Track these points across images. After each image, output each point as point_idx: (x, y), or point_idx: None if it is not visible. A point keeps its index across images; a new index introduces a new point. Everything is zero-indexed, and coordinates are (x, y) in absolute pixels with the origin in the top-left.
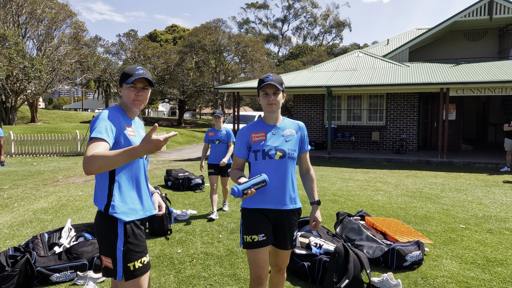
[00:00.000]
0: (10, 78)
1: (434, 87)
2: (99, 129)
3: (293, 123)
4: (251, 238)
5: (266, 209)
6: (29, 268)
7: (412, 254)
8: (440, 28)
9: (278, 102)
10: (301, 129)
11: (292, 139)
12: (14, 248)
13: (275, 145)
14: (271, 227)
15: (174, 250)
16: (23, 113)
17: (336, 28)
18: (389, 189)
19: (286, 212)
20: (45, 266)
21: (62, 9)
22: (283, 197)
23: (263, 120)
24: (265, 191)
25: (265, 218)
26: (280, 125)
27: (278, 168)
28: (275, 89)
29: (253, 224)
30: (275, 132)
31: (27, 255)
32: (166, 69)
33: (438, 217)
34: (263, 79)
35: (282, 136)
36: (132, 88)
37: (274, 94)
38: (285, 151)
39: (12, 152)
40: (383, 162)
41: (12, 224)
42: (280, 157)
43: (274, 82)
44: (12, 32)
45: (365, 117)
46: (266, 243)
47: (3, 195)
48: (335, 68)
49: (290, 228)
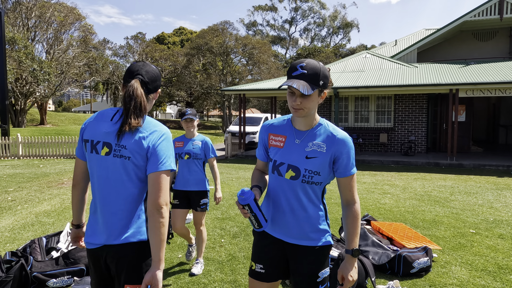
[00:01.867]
0: (19, 81)
1: (443, 88)
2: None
3: (329, 132)
4: (251, 264)
5: (272, 236)
6: (25, 273)
7: (420, 260)
8: (449, 28)
9: (308, 107)
10: (337, 143)
11: (316, 157)
12: (11, 252)
13: (290, 160)
14: (277, 259)
15: (174, 255)
16: (32, 116)
17: (343, 29)
18: (396, 192)
19: (295, 247)
20: (41, 272)
21: (70, 12)
22: (289, 228)
23: (291, 121)
24: (270, 212)
25: (271, 246)
26: (310, 133)
27: (288, 191)
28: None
29: (256, 249)
30: (300, 141)
31: (22, 261)
32: (173, 72)
33: (447, 222)
34: (292, 71)
35: (304, 149)
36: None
37: (303, 96)
38: (299, 171)
39: (19, 154)
40: (391, 164)
41: (14, 227)
42: (291, 177)
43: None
44: (22, 35)
45: (373, 119)
46: (263, 278)
47: (8, 197)
48: (342, 69)
49: (306, 265)
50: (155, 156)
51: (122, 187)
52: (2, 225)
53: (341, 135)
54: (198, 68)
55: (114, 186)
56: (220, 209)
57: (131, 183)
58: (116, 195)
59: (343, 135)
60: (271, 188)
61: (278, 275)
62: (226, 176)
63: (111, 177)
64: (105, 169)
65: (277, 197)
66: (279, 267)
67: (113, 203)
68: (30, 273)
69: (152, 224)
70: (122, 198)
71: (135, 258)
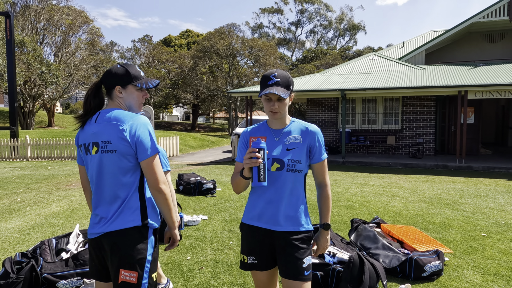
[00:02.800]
0: (28, 84)
1: (452, 90)
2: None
3: (302, 126)
4: (243, 257)
5: (260, 228)
6: (35, 274)
7: (431, 264)
8: (457, 30)
9: (283, 109)
10: (310, 134)
11: (295, 148)
12: (21, 253)
13: (273, 154)
14: (267, 250)
15: (183, 257)
16: (40, 118)
17: (350, 31)
18: (405, 194)
19: (282, 234)
20: (51, 273)
21: (78, 15)
22: (277, 216)
23: (268, 124)
24: (260, 206)
25: (260, 238)
26: (285, 130)
27: (275, 182)
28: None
29: (245, 243)
30: (278, 138)
31: (32, 262)
32: (180, 74)
33: (457, 225)
34: (266, 81)
35: (283, 143)
36: (141, 91)
37: (279, 100)
38: (283, 162)
39: (28, 156)
40: (399, 166)
41: (23, 228)
42: (277, 168)
43: (278, 91)
44: (30, 38)
45: (380, 121)
46: (257, 267)
47: (17, 199)
48: (349, 72)
49: (291, 251)
50: (140, 145)
51: (114, 179)
52: (11, 226)
53: (313, 127)
54: (204, 70)
55: (107, 179)
56: (228, 211)
57: (122, 174)
58: (110, 187)
59: (314, 127)
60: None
61: (271, 264)
62: None
63: (103, 171)
64: (98, 165)
65: (266, 190)
66: (270, 257)
67: (108, 194)
68: (40, 274)
69: (158, 202)
70: (115, 189)
71: (128, 243)
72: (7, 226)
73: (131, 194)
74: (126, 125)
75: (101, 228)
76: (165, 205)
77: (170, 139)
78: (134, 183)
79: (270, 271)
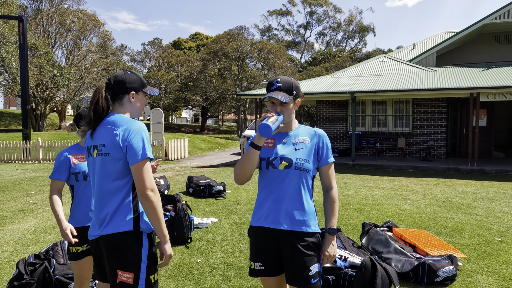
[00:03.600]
0: (40, 86)
1: (464, 92)
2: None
3: (309, 130)
4: (251, 264)
5: (266, 228)
6: (48, 276)
7: (445, 269)
8: (469, 31)
9: (287, 113)
10: (317, 137)
11: (303, 148)
12: (34, 255)
13: (282, 154)
14: (273, 255)
15: (194, 260)
16: (52, 120)
17: (359, 33)
18: (417, 198)
19: (287, 233)
20: (64, 274)
21: (89, 19)
22: (282, 214)
23: None
24: (266, 206)
25: (267, 243)
26: (292, 133)
27: (283, 180)
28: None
29: (253, 249)
30: (286, 141)
31: (46, 263)
32: (189, 76)
33: (471, 229)
34: (270, 86)
35: (292, 144)
36: (146, 97)
37: (281, 105)
38: (291, 160)
39: (40, 157)
40: (409, 169)
41: (36, 230)
42: (285, 167)
43: (277, 95)
44: (43, 42)
45: (391, 123)
46: (265, 273)
47: (29, 200)
48: (359, 74)
49: (298, 257)
50: (130, 150)
51: (108, 182)
52: (24, 227)
53: (319, 131)
54: (213, 73)
55: (102, 181)
56: (237, 213)
57: (115, 178)
58: (104, 189)
59: (321, 131)
60: (265, 184)
61: (279, 270)
62: None
63: (99, 173)
64: (96, 167)
65: (272, 188)
66: (278, 263)
67: (103, 196)
68: (53, 275)
69: (145, 209)
70: (109, 191)
71: (123, 247)
72: (20, 228)
73: (124, 198)
74: (120, 129)
75: (97, 231)
76: (153, 214)
77: (179, 142)
78: (127, 187)
79: (279, 277)
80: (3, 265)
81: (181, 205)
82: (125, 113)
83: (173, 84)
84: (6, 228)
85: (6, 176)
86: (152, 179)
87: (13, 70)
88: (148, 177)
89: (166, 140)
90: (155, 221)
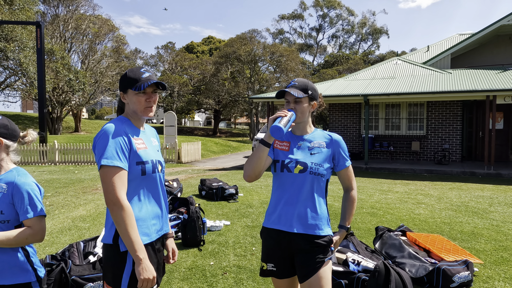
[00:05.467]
0: (56, 90)
1: (479, 95)
2: (111, 154)
3: (325, 135)
4: (262, 265)
5: (279, 230)
6: (64, 276)
7: (460, 274)
8: (485, 33)
9: (301, 112)
10: (334, 142)
11: (319, 152)
12: (51, 256)
13: (297, 158)
14: (286, 257)
15: (206, 262)
16: (67, 123)
17: (372, 35)
18: (431, 202)
19: (299, 237)
20: (79, 275)
21: (104, 24)
22: (295, 218)
23: (291, 131)
24: (279, 209)
25: (278, 242)
26: (307, 137)
27: (297, 184)
28: (295, 96)
29: (264, 250)
30: (301, 144)
31: (62, 264)
32: (202, 80)
33: (487, 234)
34: (286, 86)
35: (307, 149)
36: (142, 94)
37: (295, 102)
38: (306, 165)
39: (56, 160)
40: (424, 173)
41: (52, 231)
42: (300, 171)
43: (293, 91)
44: (59, 46)
45: (404, 126)
46: (276, 275)
47: (46, 202)
48: (372, 76)
49: (309, 260)
50: (95, 154)
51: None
52: None
53: (336, 136)
54: (226, 76)
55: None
56: (250, 216)
57: None
58: None
59: (337, 136)
60: (278, 186)
61: (290, 272)
62: (255, 184)
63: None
64: None
65: (286, 192)
66: (289, 265)
67: None
68: (69, 276)
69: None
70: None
71: (105, 258)
72: None
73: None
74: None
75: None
76: (118, 227)
77: (192, 145)
78: None
79: (290, 279)
80: None
81: (194, 207)
82: (127, 114)
83: (186, 87)
84: None
85: None
86: (113, 190)
87: (31, 74)
88: (108, 188)
89: (179, 143)
90: (122, 237)
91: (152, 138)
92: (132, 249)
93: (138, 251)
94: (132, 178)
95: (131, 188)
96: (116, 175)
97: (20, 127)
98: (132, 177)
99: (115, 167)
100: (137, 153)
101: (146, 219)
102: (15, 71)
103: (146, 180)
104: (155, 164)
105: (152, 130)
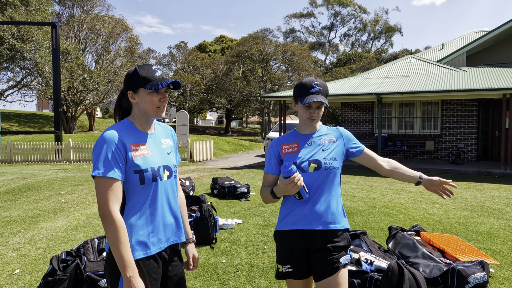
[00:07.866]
0: (71, 90)
1: (496, 93)
2: (104, 164)
3: (332, 128)
4: (278, 267)
5: (296, 230)
6: (79, 272)
7: (476, 275)
8: (501, 30)
9: (320, 116)
10: (342, 134)
11: (331, 147)
12: (66, 252)
13: (309, 156)
14: (302, 257)
15: (218, 260)
16: (82, 122)
17: (385, 33)
18: (445, 202)
19: (317, 234)
20: (94, 271)
21: (118, 24)
22: (318, 215)
23: (297, 131)
24: (295, 209)
25: (295, 243)
26: (315, 134)
27: (314, 182)
28: (320, 103)
29: (281, 252)
30: (311, 143)
31: (77, 260)
32: (214, 79)
33: (503, 235)
34: (308, 88)
35: (318, 146)
36: (156, 94)
37: (318, 108)
38: (320, 162)
39: (70, 158)
40: (438, 173)
41: (67, 228)
42: (314, 169)
43: (320, 98)
44: (74, 46)
45: (418, 126)
46: (293, 276)
47: (61, 199)
48: (385, 75)
49: (326, 256)
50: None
51: None
52: (56, 225)
53: (339, 128)
54: (238, 75)
55: None
56: (262, 215)
57: None
58: None
59: (340, 127)
60: None
61: (307, 273)
62: None
63: None
64: None
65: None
66: (306, 265)
67: None
68: (84, 272)
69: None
70: None
71: (105, 262)
72: (52, 226)
73: None
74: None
75: None
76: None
77: (204, 143)
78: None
79: (306, 280)
80: (37, 261)
81: (206, 206)
82: (133, 116)
83: (198, 86)
84: (39, 226)
85: (40, 176)
86: (105, 202)
87: (46, 74)
88: (101, 199)
89: (191, 142)
90: (112, 252)
91: (165, 139)
92: (121, 265)
93: (126, 268)
94: (130, 187)
95: (130, 197)
96: (109, 187)
97: (36, 126)
98: (130, 186)
99: (107, 178)
100: (134, 161)
101: (146, 229)
102: (31, 71)
103: (146, 189)
104: (156, 171)
105: (167, 128)
